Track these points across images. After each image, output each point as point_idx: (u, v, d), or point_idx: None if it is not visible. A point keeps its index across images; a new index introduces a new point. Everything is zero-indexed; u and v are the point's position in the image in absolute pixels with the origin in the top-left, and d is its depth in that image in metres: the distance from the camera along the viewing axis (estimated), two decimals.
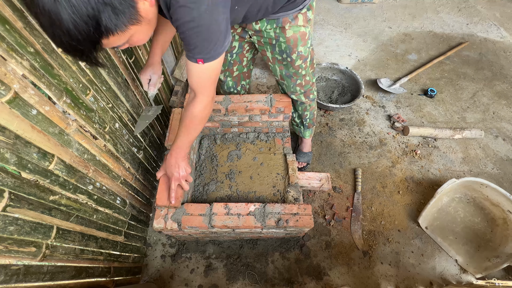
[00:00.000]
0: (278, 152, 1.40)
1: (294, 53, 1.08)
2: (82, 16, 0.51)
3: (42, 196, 0.71)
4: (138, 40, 0.69)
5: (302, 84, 1.24)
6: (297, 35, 1.03)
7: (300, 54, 1.09)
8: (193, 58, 0.75)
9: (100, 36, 0.57)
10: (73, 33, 0.53)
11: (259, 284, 1.33)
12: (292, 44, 1.05)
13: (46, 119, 0.70)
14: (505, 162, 1.73)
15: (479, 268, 1.34)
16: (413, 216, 1.53)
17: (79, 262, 0.88)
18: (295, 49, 1.07)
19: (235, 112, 1.31)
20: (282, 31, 1.01)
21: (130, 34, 0.64)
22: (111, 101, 1.01)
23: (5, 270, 0.62)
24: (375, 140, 1.82)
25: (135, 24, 0.62)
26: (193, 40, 0.71)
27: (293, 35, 1.03)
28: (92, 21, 0.53)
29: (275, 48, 1.09)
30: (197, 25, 0.67)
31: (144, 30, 0.67)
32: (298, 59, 1.11)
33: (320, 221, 1.51)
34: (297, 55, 1.09)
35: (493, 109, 1.99)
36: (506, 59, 2.30)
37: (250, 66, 1.35)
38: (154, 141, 1.46)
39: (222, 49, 0.76)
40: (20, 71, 0.62)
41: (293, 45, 1.05)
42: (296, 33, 1.03)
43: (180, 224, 1.04)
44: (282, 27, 1.00)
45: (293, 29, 1.01)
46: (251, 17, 0.92)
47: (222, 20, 0.71)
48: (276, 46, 1.08)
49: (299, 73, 1.18)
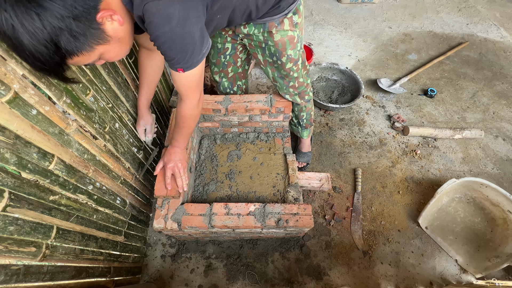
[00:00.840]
0: (278, 152, 1.40)
1: (283, 56, 1.09)
2: (40, 41, 0.53)
3: (42, 196, 0.71)
4: (110, 57, 0.69)
5: (295, 86, 1.24)
6: (285, 39, 1.04)
7: (290, 57, 1.10)
8: (173, 68, 0.78)
9: (63, 57, 0.58)
10: (36, 56, 0.54)
11: (259, 284, 1.33)
12: (281, 48, 1.06)
13: (46, 119, 0.70)
14: (505, 162, 1.73)
15: (479, 268, 1.34)
16: (413, 216, 1.53)
17: (79, 262, 0.88)
18: (284, 52, 1.08)
19: (235, 112, 1.31)
20: (269, 35, 1.02)
21: (100, 52, 0.65)
22: (111, 101, 1.01)
23: (5, 270, 0.62)
24: (375, 140, 1.82)
25: (102, 44, 0.63)
26: (169, 53, 0.72)
27: (281, 39, 1.03)
28: (50, 45, 0.54)
29: (265, 51, 1.10)
30: (170, 39, 0.68)
31: (116, 48, 0.68)
32: (288, 62, 1.12)
33: (320, 221, 1.51)
34: (287, 58, 1.10)
35: (493, 109, 1.99)
36: (506, 59, 2.30)
37: (245, 67, 1.35)
38: (154, 141, 1.46)
39: (200, 57, 0.78)
40: (20, 71, 0.62)
41: (281, 49, 1.06)
42: (284, 37, 1.03)
43: (180, 224, 1.04)
44: (270, 32, 1.01)
45: (280, 33, 1.02)
46: (236, 21, 0.93)
47: (196, 30, 0.72)
48: (266, 49, 1.09)
49: (291, 76, 1.19)
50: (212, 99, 1.31)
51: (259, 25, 1.00)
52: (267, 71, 1.21)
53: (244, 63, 1.32)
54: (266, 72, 1.22)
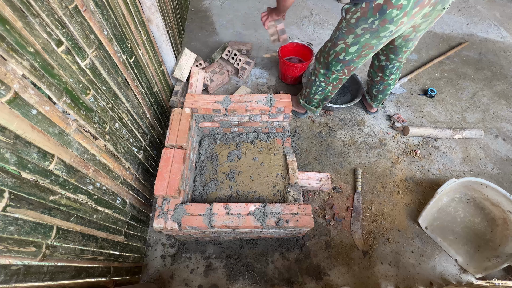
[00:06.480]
0: (278, 152, 1.40)
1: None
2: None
3: (42, 196, 0.71)
4: None
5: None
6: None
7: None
8: None
9: None
10: None
11: (259, 284, 1.33)
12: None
13: (46, 119, 0.70)
14: (505, 162, 1.73)
15: (479, 268, 1.34)
16: (413, 216, 1.53)
17: (79, 262, 0.88)
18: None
19: (235, 112, 1.31)
20: None
21: None
22: (111, 101, 1.01)
23: (5, 270, 0.62)
24: (375, 140, 1.82)
25: None
26: None
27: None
28: None
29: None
30: None
31: None
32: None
33: (320, 221, 1.51)
34: None
35: (493, 109, 1.99)
36: (506, 59, 2.30)
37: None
38: (154, 141, 1.46)
39: None
40: (20, 71, 0.62)
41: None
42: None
43: (180, 224, 1.04)
44: None
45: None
46: None
47: None
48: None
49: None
50: (212, 99, 1.31)
51: None
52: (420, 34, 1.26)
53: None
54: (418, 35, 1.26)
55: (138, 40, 1.25)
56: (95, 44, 0.89)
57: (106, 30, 0.96)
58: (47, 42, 0.69)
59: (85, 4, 0.84)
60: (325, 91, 1.56)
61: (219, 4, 2.76)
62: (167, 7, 1.81)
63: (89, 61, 0.86)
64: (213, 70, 2.06)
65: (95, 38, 0.90)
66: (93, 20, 0.88)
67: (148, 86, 1.38)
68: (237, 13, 2.67)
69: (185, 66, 1.85)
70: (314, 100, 1.64)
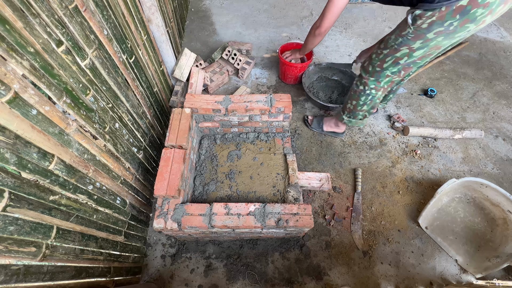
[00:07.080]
0: (278, 152, 1.40)
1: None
2: None
3: (42, 196, 0.71)
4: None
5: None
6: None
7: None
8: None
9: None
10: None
11: (259, 284, 1.33)
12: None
13: (46, 119, 0.70)
14: (505, 162, 1.73)
15: (479, 268, 1.34)
16: (413, 216, 1.53)
17: (79, 262, 0.88)
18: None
19: (235, 112, 1.31)
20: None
21: None
22: (111, 101, 1.01)
23: (5, 270, 0.62)
24: (375, 140, 1.82)
25: None
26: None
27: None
28: None
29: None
30: None
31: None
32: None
33: (320, 221, 1.51)
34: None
35: (493, 109, 1.99)
36: (506, 59, 2.30)
37: None
38: (154, 141, 1.46)
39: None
40: (20, 71, 0.62)
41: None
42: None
43: (180, 224, 1.04)
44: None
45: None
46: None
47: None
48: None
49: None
50: (212, 99, 1.31)
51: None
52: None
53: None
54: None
55: (138, 40, 1.25)
56: (95, 44, 0.89)
57: (106, 30, 0.96)
58: (47, 42, 0.69)
59: (85, 4, 0.84)
60: (374, 99, 1.45)
61: (219, 4, 2.76)
62: (167, 7, 1.81)
63: (89, 61, 0.86)
64: (213, 70, 2.06)
65: (95, 38, 0.90)
66: (93, 20, 0.88)
67: (148, 86, 1.38)
68: (237, 13, 2.67)
69: (185, 66, 1.85)
70: (361, 113, 1.54)
